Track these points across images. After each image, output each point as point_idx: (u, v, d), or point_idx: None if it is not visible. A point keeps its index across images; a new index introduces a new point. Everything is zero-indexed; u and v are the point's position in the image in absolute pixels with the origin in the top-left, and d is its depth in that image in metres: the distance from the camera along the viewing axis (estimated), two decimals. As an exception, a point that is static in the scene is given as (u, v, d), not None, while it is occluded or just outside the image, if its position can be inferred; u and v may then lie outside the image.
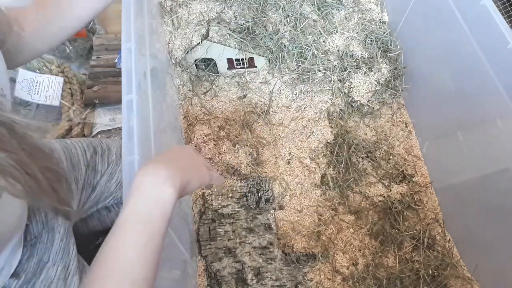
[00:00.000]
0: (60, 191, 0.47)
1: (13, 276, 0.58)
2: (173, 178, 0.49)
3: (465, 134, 0.84)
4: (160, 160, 0.53)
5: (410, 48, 1.01)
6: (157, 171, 0.48)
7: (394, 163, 0.98)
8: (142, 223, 0.46)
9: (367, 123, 1.04)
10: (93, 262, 0.45)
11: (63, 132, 1.07)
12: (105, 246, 0.45)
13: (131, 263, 0.44)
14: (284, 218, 0.90)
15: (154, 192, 0.47)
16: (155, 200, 0.47)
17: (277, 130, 1.01)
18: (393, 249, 0.87)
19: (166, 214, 0.48)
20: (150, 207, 0.47)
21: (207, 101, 1.04)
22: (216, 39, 0.96)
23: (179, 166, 0.51)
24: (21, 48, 0.64)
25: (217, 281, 0.82)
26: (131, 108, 0.60)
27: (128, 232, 0.46)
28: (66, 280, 0.65)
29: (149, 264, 0.45)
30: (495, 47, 0.71)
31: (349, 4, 1.05)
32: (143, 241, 0.45)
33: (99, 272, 0.44)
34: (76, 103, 1.13)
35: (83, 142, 0.81)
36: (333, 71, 0.99)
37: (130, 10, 0.70)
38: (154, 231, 0.47)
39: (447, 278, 0.83)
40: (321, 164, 0.97)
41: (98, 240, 0.88)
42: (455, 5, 0.80)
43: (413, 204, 0.92)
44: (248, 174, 0.93)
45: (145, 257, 0.45)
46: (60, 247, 0.65)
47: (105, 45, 1.25)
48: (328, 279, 0.83)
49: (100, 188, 0.81)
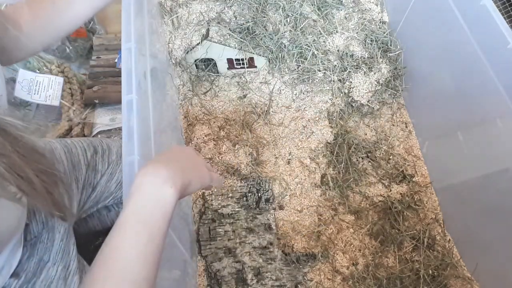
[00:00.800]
0: (55, 194, 0.47)
1: (13, 276, 0.58)
2: (173, 179, 0.48)
3: (465, 134, 0.84)
4: (161, 160, 0.52)
5: (410, 48, 1.01)
6: (157, 171, 0.48)
7: (394, 163, 0.98)
8: (143, 223, 0.46)
9: (367, 123, 1.04)
10: (93, 262, 0.45)
11: (63, 132, 1.07)
12: (105, 246, 0.45)
13: (132, 263, 0.44)
14: (284, 218, 0.90)
15: (154, 192, 0.47)
16: (156, 200, 0.47)
17: (277, 130, 1.01)
18: (393, 249, 0.87)
19: (166, 214, 0.47)
20: (151, 207, 0.47)
21: (207, 101, 1.04)
22: (216, 39, 0.96)
23: (179, 167, 0.51)
24: (17, 46, 0.63)
25: (217, 281, 0.82)
26: (131, 108, 0.60)
27: (129, 232, 0.46)
28: (66, 280, 0.65)
29: (149, 264, 0.45)
30: (495, 47, 0.71)
31: (349, 4, 1.05)
32: (143, 241, 0.45)
33: (99, 272, 0.44)
34: (76, 103, 1.13)
35: (84, 142, 0.81)
36: (333, 71, 0.99)
37: (130, 10, 0.70)
38: (155, 231, 0.46)
39: (447, 278, 0.83)
40: (321, 164, 0.97)
41: (98, 240, 0.88)
42: (455, 5, 0.80)
43: (413, 204, 0.92)
44: (248, 174, 0.93)
45: (146, 257, 0.45)
46: (60, 247, 0.65)
47: (105, 45, 1.25)
48: (328, 279, 0.83)
49: (100, 188, 0.81)
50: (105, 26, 1.31)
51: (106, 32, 1.31)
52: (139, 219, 0.46)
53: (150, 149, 0.63)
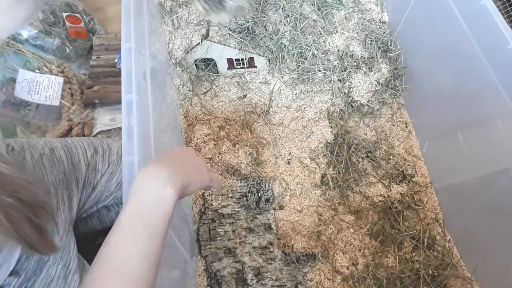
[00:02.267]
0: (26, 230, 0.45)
1: (13, 274, 0.58)
2: (174, 179, 0.48)
3: (465, 134, 0.84)
4: (161, 161, 0.52)
5: (410, 48, 1.01)
6: (158, 171, 0.48)
7: (394, 163, 0.98)
8: (143, 223, 0.46)
9: (367, 123, 1.04)
10: (93, 261, 0.45)
11: (63, 132, 1.07)
12: (105, 246, 0.45)
13: (131, 263, 0.44)
14: (284, 218, 0.90)
15: (155, 193, 0.47)
16: (156, 201, 0.47)
17: (277, 130, 1.01)
18: (393, 249, 0.87)
19: (166, 214, 0.47)
20: (151, 207, 0.47)
21: (207, 101, 1.04)
22: (216, 39, 0.96)
23: (180, 167, 0.51)
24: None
25: (217, 281, 0.82)
26: (131, 108, 0.61)
27: (129, 232, 0.45)
28: (67, 279, 0.65)
29: (149, 264, 0.45)
30: (495, 47, 0.71)
31: (349, 4, 1.05)
32: (143, 241, 0.45)
33: (99, 272, 0.44)
34: (76, 103, 1.13)
35: (84, 141, 0.81)
36: (333, 71, 0.99)
37: (130, 10, 0.70)
38: (155, 231, 0.46)
39: (447, 278, 0.83)
40: (321, 164, 0.97)
41: (98, 240, 0.88)
42: (455, 5, 0.80)
43: (413, 204, 0.92)
44: (248, 174, 0.93)
45: (146, 257, 0.45)
46: (60, 246, 0.65)
47: (105, 45, 1.25)
48: (328, 279, 0.83)
49: (101, 188, 0.81)
50: (105, 26, 1.31)
51: (106, 32, 1.31)
52: (139, 219, 0.46)
53: (150, 149, 0.63)
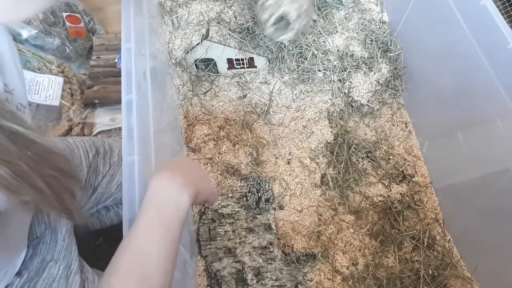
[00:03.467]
0: (66, 199, 0.45)
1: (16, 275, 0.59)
2: (189, 187, 0.50)
3: (465, 134, 0.84)
4: (175, 169, 0.53)
5: (410, 48, 1.01)
6: (174, 178, 0.49)
7: (394, 163, 0.98)
8: (166, 227, 0.46)
9: (367, 123, 1.04)
10: (117, 265, 0.44)
11: (63, 132, 1.07)
12: (131, 249, 0.45)
13: (161, 268, 0.44)
14: (284, 218, 0.90)
15: (173, 198, 0.48)
16: (175, 206, 0.48)
17: (277, 130, 1.01)
18: (393, 249, 0.87)
19: (183, 220, 0.48)
20: (171, 212, 0.47)
21: (207, 101, 1.04)
22: (216, 39, 0.96)
23: (191, 177, 0.52)
24: None
25: (217, 281, 0.82)
26: (131, 108, 0.61)
27: (155, 236, 0.46)
28: (68, 279, 0.65)
29: (172, 269, 0.45)
30: (495, 47, 0.71)
31: (349, 4, 1.05)
32: (167, 245, 0.46)
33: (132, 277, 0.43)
34: (76, 103, 1.13)
35: (86, 142, 0.80)
36: (333, 71, 0.99)
37: (130, 10, 0.70)
38: (175, 235, 0.47)
39: (447, 278, 0.83)
40: (321, 164, 0.97)
41: (97, 240, 0.88)
42: (455, 5, 0.80)
43: (413, 204, 0.92)
44: (248, 174, 0.93)
45: (170, 262, 0.45)
46: (63, 246, 0.66)
47: (105, 45, 1.25)
48: (328, 279, 0.84)
49: (101, 189, 0.81)
50: (105, 26, 1.31)
51: (106, 32, 1.31)
52: (163, 223, 0.46)
53: (150, 149, 0.63)
